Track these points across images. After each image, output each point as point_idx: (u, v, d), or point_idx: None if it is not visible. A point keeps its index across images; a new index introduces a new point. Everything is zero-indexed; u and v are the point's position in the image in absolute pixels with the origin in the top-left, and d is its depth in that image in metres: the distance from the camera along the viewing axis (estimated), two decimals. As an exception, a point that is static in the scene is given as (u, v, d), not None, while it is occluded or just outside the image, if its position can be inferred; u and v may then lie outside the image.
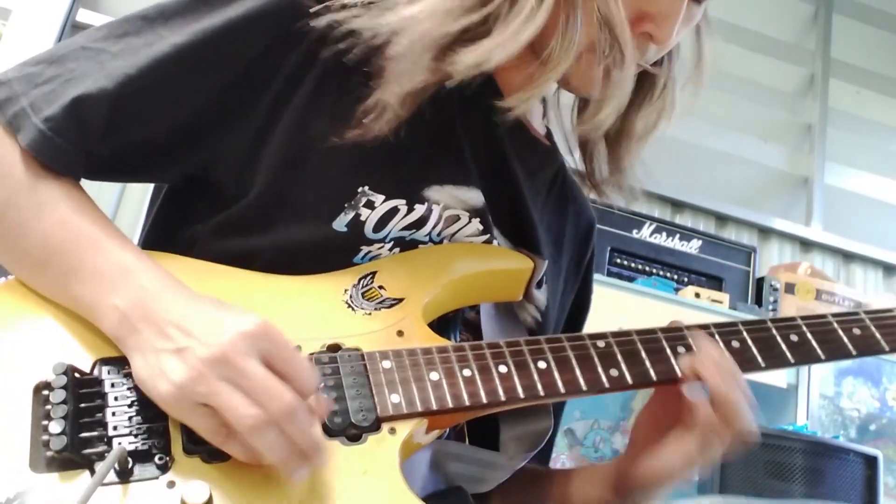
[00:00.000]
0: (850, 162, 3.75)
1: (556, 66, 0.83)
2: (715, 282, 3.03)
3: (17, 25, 2.78)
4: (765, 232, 3.53)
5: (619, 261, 2.92)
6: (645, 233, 2.98)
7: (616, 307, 2.46)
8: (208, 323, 0.68)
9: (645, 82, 0.96)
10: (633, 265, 2.94)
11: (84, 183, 0.86)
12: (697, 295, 2.79)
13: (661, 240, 2.99)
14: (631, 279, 2.86)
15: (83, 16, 2.89)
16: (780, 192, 3.68)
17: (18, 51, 2.74)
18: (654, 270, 2.95)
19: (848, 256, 3.62)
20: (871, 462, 2.22)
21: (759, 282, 3.08)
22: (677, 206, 3.41)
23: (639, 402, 2.58)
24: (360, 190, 0.86)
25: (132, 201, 2.71)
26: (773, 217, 3.53)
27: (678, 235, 3.02)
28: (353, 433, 0.74)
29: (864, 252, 3.61)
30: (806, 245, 3.58)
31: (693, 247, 3.03)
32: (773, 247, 3.52)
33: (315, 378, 0.69)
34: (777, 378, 2.71)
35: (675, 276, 2.97)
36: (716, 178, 3.51)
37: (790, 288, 3.03)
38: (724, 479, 2.16)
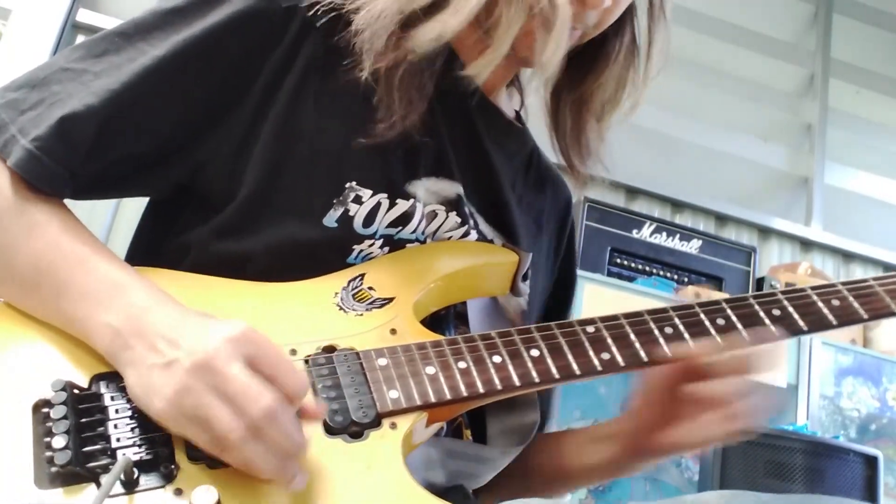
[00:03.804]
0: (850, 162, 3.75)
1: (506, 29, 0.85)
2: (715, 282, 3.02)
3: (17, 25, 2.78)
4: (765, 232, 3.53)
5: (619, 261, 2.92)
6: (645, 233, 2.98)
7: (616, 307, 2.44)
8: (195, 333, 0.69)
9: (599, 52, 0.99)
10: (633, 265, 2.94)
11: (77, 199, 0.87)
12: (697, 295, 2.79)
13: (661, 240, 2.99)
14: (631, 279, 2.86)
15: (83, 16, 2.88)
16: (780, 192, 3.67)
17: (18, 51, 2.74)
18: (654, 270, 2.95)
19: (848, 256, 3.62)
20: (871, 462, 2.22)
21: (759, 282, 3.08)
22: (677, 206, 3.41)
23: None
24: (347, 185, 0.87)
25: (129, 212, 2.71)
26: (773, 217, 3.53)
27: (678, 235, 3.02)
28: (354, 431, 0.74)
29: (864, 252, 3.60)
30: (806, 245, 3.58)
31: (693, 247, 3.03)
32: (773, 247, 3.51)
33: (303, 378, 0.69)
34: (777, 378, 2.71)
35: (675, 276, 2.97)
36: (716, 178, 3.51)
37: (790, 288, 3.02)
38: (723, 478, 2.16)
